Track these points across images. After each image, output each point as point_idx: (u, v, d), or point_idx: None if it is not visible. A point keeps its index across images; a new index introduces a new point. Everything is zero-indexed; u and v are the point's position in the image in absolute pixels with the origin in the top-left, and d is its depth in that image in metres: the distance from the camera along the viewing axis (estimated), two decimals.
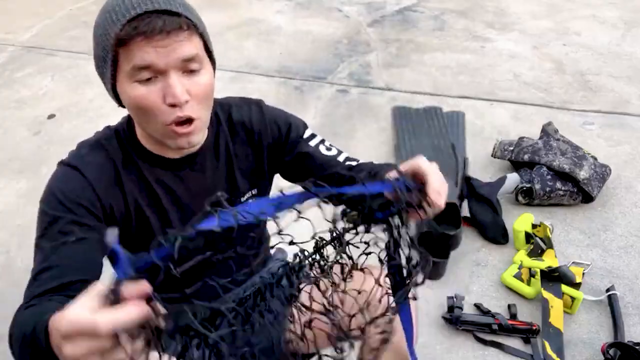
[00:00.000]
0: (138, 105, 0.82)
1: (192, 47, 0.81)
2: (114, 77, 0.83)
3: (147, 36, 0.77)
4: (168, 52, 0.79)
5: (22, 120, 2.82)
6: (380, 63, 3.26)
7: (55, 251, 0.82)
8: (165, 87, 0.80)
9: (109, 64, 0.81)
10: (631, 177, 2.20)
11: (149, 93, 0.81)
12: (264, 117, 1.04)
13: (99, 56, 0.84)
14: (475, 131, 2.53)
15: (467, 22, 3.75)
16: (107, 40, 0.79)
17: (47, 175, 0.90)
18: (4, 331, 0.77)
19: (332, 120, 2.71)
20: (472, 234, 1.95)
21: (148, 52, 0.78)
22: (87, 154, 0.92)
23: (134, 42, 0.77)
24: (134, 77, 0.80)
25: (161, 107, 0.81)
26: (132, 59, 0.79)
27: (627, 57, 3.19)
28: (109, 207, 0.90)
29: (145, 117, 0.84)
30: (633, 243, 1.90)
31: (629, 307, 1.66)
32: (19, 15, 4.17)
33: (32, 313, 0.75)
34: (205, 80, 0.85)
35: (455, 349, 1.56)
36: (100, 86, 0.89)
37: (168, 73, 0.80)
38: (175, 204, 0.97)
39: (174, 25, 0.78)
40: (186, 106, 0.82)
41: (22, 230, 2.07)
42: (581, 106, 2.72)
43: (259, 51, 3.44)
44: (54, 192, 0.87)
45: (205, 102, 0.87)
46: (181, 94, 0.80)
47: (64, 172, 0.90)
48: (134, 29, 0.76)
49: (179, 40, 0.79)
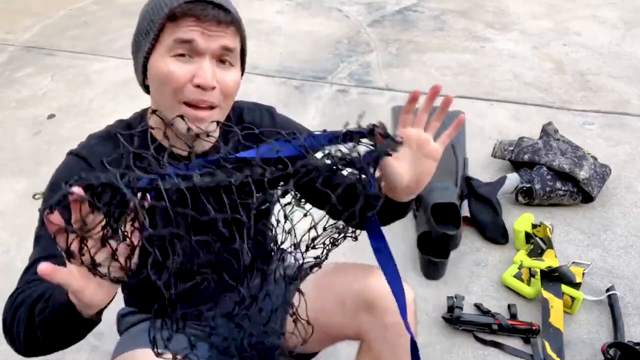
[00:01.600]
0: (165, 79, 0.84)
1: (234, 42, 0.87)
2: (150, 50, 0.86)
3: (199, 19, 0.82)
4: (212, 38, 0.83)
5: (22, 120, 2.82)
6: (380, 63, 3.26)
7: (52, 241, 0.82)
8: (198, 68, 0.84)
9: (151, 36, 0.85)
10: (631, 177, 2.20)
11: (180, 69, 0.84)
12: (275, 125, 1.07)
13: (141, 29, 0.87)
14: (475, 131, 2.53)
15: (467, 22, 3.75)
16: (158, 13, 0.83)
17: (47, 175, 0.90)
18: None
19: (332, 120, 2.71)
20: (472, 234, 1.95)
21: (194, 31, 0.82)
22: (96, 144, 0.93)
23: (184, 20, 0.82)
24: (171, 51, 0.83)
25: (187, 85, 0.84)
26: (176, 33, 0.83)
27: (627, 57, 3.19)
28: None
29: (166, 91, 0.85)
30: (633, 243, 1.90)
31: (629, 307, 1.66)
32: (19, 15, 4.17)
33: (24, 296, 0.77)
34: (234, 77, 0.89)
35: (455, 349, 1.56)
36: (100, 86, 0.90)
37: (205, 56, 0.84)
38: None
39: (225, 19, 0.84)
40: (211, 92, 0.85)
41: (22, 230, 2.07)
42: (581, 106, 2.72)
43: (259, 51, 3.44)
44: (57, 180, 0.88)
45: (229, 96, 0.89)
46: (211, 79, 0.84)
47: (71, 161, 0.91)
48: (189, 10, 0.82)
49: (226, 32, 0.84)
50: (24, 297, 0.77)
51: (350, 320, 1.03)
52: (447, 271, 1.80)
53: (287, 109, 2.80)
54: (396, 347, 1.01)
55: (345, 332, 1.05)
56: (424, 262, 1.79)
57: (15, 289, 0.81)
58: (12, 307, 0.77)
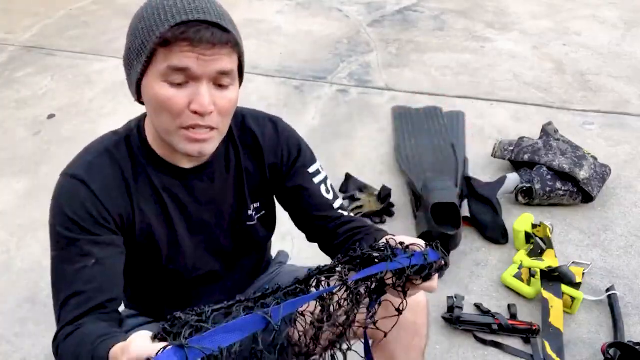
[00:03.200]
0: (162, 105, 0.82)
1: (231, 63, 0.83)
2: (144, 72, 0.83)
3: (193, 44, 0.78)
4: (208, 63, 0.79)
5: (22, 120, 2.82)
6: (380, 63, 3.26)
7: (78, 275, 0.85)
8: (195, 94, 0.81)
9: (142, 59, 0.81)
10: (631, 177, 2.20)
11: (176, 96, 0.81)
12: (278, 136, 1.03)
13: (134, 49, 0.83)
14: (475, 131, 2.53)
15: (467, 22, 3.75)
16: (149, 36, 0.79)
17: (47, 175, 0.90)
18: (3, 332, 0.77)
19: (332, 120, 2.71)
20: (472, 234, 1.95)
21: (189, 58, 0.78)
22: (93, 162, 0.90)
23: (177, 45, 0.78)
24: (166, 77, 0.80)
25: (184, 111, 0.82)
26: (170, 60, 0.79)
27: (627, 57, 3.19)
28: (118, 217, 0.90)
29: (164, 117, 0.84)
30: (633, 243, 1.90)
31: (629, 307, 1.66)
32: (19, 15, 4.17)
33: (77, 342, 0.79)
34: (231, 95, 0.86)
35: (455, 349, 1.56)
36: (100, 86, 0.90)
37: (201, 81, 0.81)
38: (182, 213, 0.97)
39: (221, 40, 0.79)
40: (209, 117, 0.83)
41: (22, 230, 2.07)
42: (581, 106, 2.72)
43: (259, 51, 3.44)
44: (64, 211, 0.86)
45: (227, 116, 0.87)
46: (208, 105, 0.81)
47: (70, 186, 0.88)
48: (182, 33, 0.77)
49: (221, 54, 0.80)
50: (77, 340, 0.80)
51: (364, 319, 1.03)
52: (447, 271, 1.79)
53: (287, 109, 2.80)
54: (410, 347, 1.01)
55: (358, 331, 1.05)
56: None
57: (62, 326, 0.84)
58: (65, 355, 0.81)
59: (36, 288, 1.81)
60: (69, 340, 0.80)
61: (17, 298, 1.78)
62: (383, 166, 2.36)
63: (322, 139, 2.54)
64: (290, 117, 2.48)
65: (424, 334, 1.03)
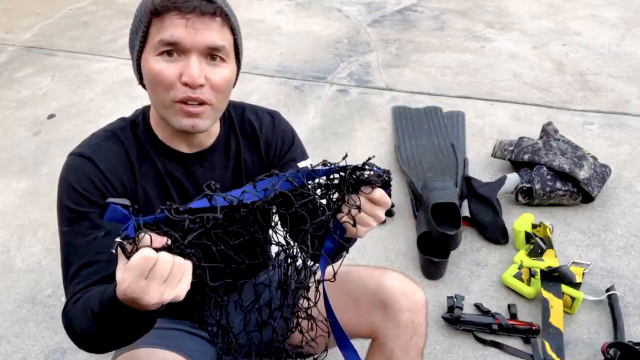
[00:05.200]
0: (155, 78, 0.85)
1: (221, 38, 0.85)
2: (141, 49, 0.86)
3: (182, 12, 0.81)
4: (197, 34, 0.82)
5: (22, 120, 2.82)
6: (380, 63, 3.26)
7: (89, 246, 0.86)
8: (185, 66, 0.84)
9: (140, 35, 0.85)
10: (631, 177, 2.20)
11: (167, 67, 0.84)
12: (275, 128, 1.07)
13: (133, 28, 0.88)
14: (475, 131, 2.53)
15: (467, 22, 3.75)
16: (144, 10, 0.84)
17: (47, 175, 0.90)
18: (3, 332, 0.77)
19: (332, 120, 2.71)
20: (472, 234, 1.95)
21: (178, 29, 0.82)
22: (100, 143, 0.94)
23: (168, 14, 0.81)
24: (158, 50, 0.84)
25: (175, 83, 0.84)
26: (162, 32, 0.82)
27: (627, 57, 3.19)
28: (123, 193, 0.93)
29: (158, 91, 0.86)
30: (633, 243, 1.90)
31: (629, 307, 1.66)
32: (19, 15, 4.17)
33: (86, 299, 0.81)
34: (225, 73, 0.88)
35: (455, 349, 1.56)
36: (100, 86, 0.91)
37: (191, 54, 0.83)
38: (182, 197, 0.99)
39: (208, 10, 0.82)
40: (200, 90, 0.85)
41: (22, 230, 2.07)
42: (581, 106, 2.72)
43: (259, 51, 3.44)
44: (72, 186, 0.89)
45: (220, 92, 0.89)
46: (197, 76, 0.84)
47: (77, 163, 0.91)
48: (173, 3, 0.81)
49: (210, 26, 0.83)
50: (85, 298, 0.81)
51: (364, 318, 1.04)
52: (447, 271, 1.80)
53: (287, 109, 2.80)
54: (409, 346, 1.02)
55: (358, 330, 1.06)
56: (424, 262, 1.79)
57: (71, 295, 0.84)
58: (75, 317, 0.81)
59: (36, 288, 1.81)
60: (77, 304, 0.82)
61: (17, 298, 1.78)
62: (383, 166, 2.35)
63: (322, 139, 2.55)
64: (290, 117, 2.48)
65: (422, 333, 1.04)
